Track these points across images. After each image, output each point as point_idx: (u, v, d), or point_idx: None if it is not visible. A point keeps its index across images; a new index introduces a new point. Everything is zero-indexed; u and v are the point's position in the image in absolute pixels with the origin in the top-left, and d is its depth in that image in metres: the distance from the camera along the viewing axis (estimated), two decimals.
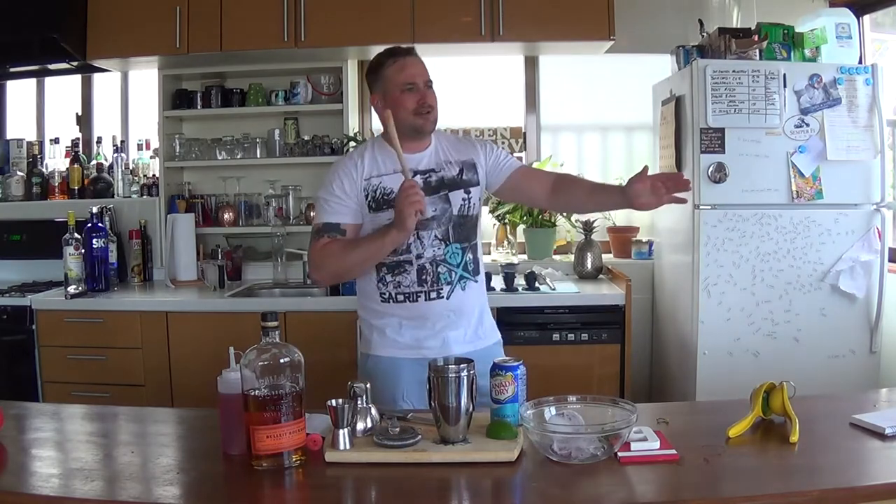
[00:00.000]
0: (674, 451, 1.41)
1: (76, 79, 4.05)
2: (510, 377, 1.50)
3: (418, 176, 2.08)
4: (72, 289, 3.33)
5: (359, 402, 1.49)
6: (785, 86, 3.01)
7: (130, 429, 1.74)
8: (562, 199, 2.25)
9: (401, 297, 2.09)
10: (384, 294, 2.10)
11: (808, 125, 3.02)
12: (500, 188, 2.22)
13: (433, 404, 1.45)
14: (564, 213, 3.66)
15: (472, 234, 2.15)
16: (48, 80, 4.11)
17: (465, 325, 2.11)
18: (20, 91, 4.17)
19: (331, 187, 2.11)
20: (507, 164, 2.22)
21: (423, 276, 2.08)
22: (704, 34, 3.30)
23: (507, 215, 3.69)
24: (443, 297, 2.08)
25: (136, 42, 3.48)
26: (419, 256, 2.08)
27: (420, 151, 2.13)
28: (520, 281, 3.31)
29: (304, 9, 3.38)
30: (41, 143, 4.03)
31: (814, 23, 3.16)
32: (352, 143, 3.58)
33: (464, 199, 2.13)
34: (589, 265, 3.58)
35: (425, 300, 2.08)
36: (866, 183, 3.06)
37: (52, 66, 3.81)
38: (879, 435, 1.49)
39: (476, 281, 2.16)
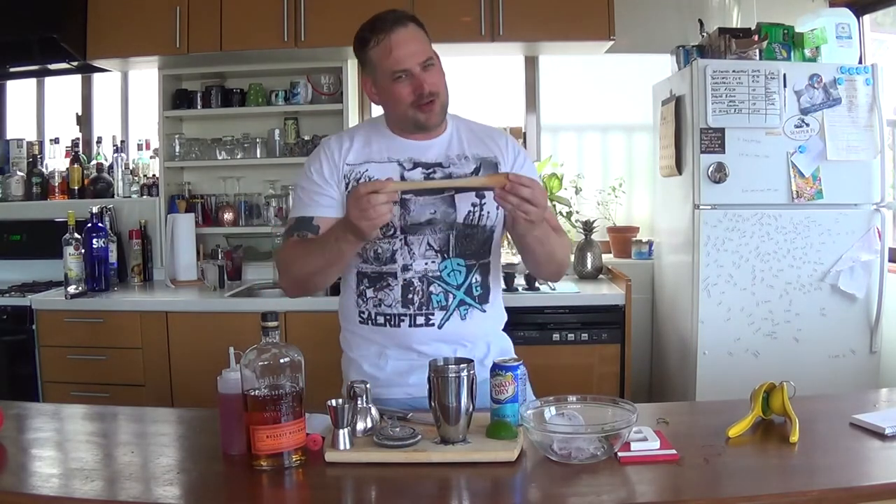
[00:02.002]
0: (674, 451, 1.41)
1: (76, 79, 4.05)
2: (510, 377, 1.50)
3: (419, 169, 1.72)
4: (72, 289, 3.33)
5: (359, 402, 1.49)
6: (785, 86, 3.01)
7: (130, 429, 1.74)
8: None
9: (381, 319, 1.72)
10: (363, 313, 1.75)
11: (808, 125, 3.02)
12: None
13: (433, 404, 1.45)
14: (564, 213, 3.66)
15: (483, 250, 1.74)
16: (48, 80, 4.11)
17: None
18: (20, 91, 4.17)
19: (308, 172, 1.74)
20: None
21: (410, 295, 1.69)
22: (704, 34, 3.31)
23: None
24: (433, 324, 1.70)
25: (136, 42, 3.48)
26: (405, 268, 1.70)
27: (429, 139, 1.74)
28: (520, 281, 3.31)
29: (304, 9, 3.38)
30: (41, 143, 4.03)
31: (814, 23, 3.16)
32: None
33: (474, 206, 1.71)
34: (589, 265, 3.58)
35: (409, 325, 1.70)
36: (866, 183, 3.06)
37: (52, 66, 3.81)
38: (879, 435, 1.49)
39: (483, 311, 1.75)
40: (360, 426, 1.48)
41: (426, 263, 1.70)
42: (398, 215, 1.68)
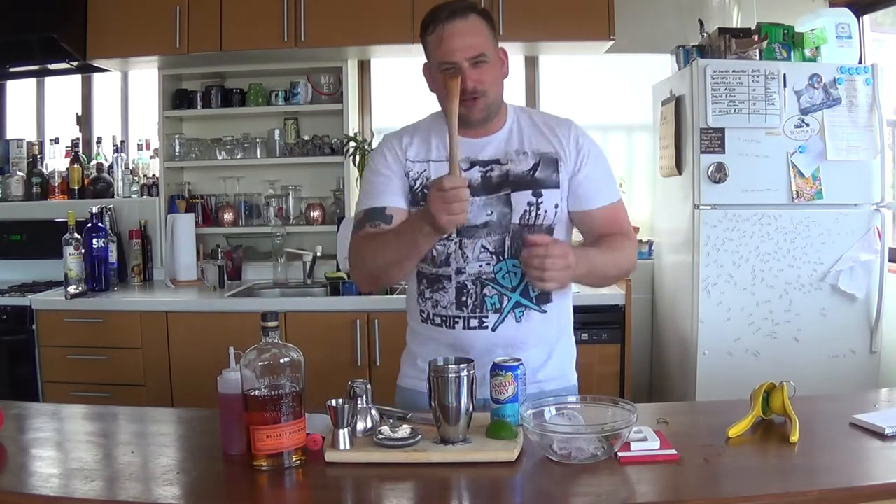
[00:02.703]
0: (674, 451, 1.41)
1: (76, 79, 4.05)
2: (510, 377, 1.50)
3: (476, 168, 1.67)
4: (72, 289, 3.33)
5: (359, 402, 1.48)
6: (785, 86, 3.01)
7: (130, 429, 1.74)
8: None
9: (437, 320, 1.72)
10: (423, 312, 1.74)
11: (808, 125, 3.02)
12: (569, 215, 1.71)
13: (433, 404, 1.45)
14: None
15: None
16: (48, 80, 4.11)
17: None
18: (20, 91, 4.17)
19: (373, 164, 1.72)
20: (594, 191, 1.72)
21: (463, 298, 1.68)
22: (704, 34, 3.31)
23: None
24: (486, 326, 1.68)
25: (136, 42, 3.48)
26: (459, 271, 1.67)
27: (487, 135, 1.70)
28: None
29: (304, 9, 3.38)
30: (41, 143, 4.03)
31: (814, 23, 3.16)
32: (352, 144, 3.58)
33: (530, 205, 1.67)
34: None
35: (464, 328, 1.69)
36: (866, 183, 3.06)
37: (52, 66, 3.81)
38: (879, 435, 1.48)
39: (543, 311, 1.71)
40: (360, 426, 1.48)
41: (480, 266, 1.67)
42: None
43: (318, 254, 3.64)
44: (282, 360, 1.40)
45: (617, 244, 1.73)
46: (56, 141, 4.01)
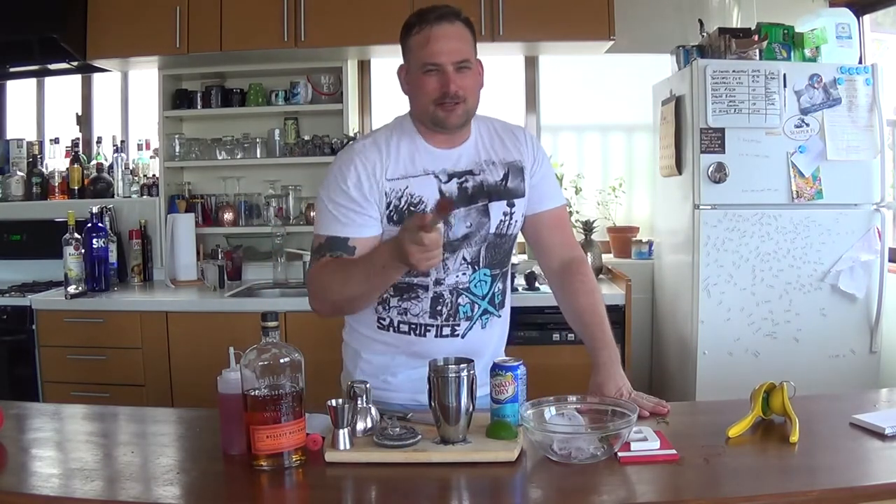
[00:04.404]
0: (674, 451, 1.41)
1: (76, 79, 4.05)
2: (510, 377, 1.50)
3: (454, 181, 1.67)
4: (72, 289, 3.33)
5: (359, 402, 1.48)
6: (785, 86, 3.01)
7: (130, 429, 1.74)
8: (556, 292, 1.84)
9: (405, 328, 1.70)
10: (384, 320, 1.71)
11: (808, 125, 3.02)
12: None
13: (433, 404, 1.45)
14: None
15: (506, 258, 1.76)
16: (48, 80, 4.11)
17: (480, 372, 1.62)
18: (20, 91, 4.17)
19: (344, 186, 1.62)
20: (547, 194, 1.77)
21: (438, 307, 1.68)
22: (704, 34, 3.31)
23: None
24: (457, 334, 1.70)
25: (136, 42, 3.48)
26: (438, 282, 1.68)
27: (457, 146, 1.69)
28: (520, 281, 3.31)
29: (304, 9, 3.38)
30: (41, 143, 4.03)
31: (814, 23, 3.16)
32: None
33: (505, 214, 1.71)
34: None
35: (435, 336, 1.70)
36: (866, 183, 3.06)
37: (52, 66, 3.81)
38: (879, 435, 1.48)
39: (500, 316, 1.77)
40: (360, 426, 1.48)
41: (457, 277, 1.68)
42: (443, 232, 1.58)
43: None
44: (282, 360, 1.40)
45: (587, 287, 1.81)
46: (56, 141, 4.01)
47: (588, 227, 3.60)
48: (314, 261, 1.65)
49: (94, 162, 3.91)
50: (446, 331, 1.70)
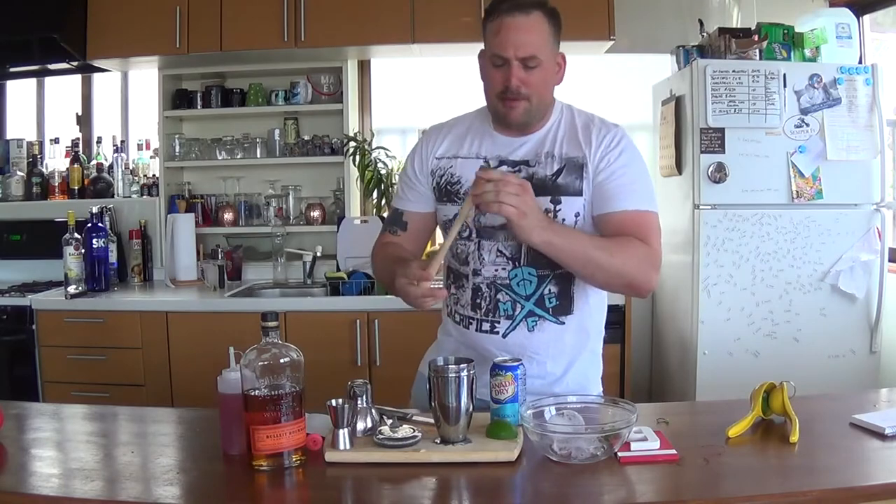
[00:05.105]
0: (674, 451, 1.41)
1: (76, 79, 4.06)
2: (510, 377, 1.50)
3: (505, 167, 1.61)
4: (72, 289, 3.33)
5: (359, 402, 1.48)
6: (785, 86, 3.01)
7: (130, 429, 1.74)
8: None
9: (457, 317, 1.70)
10: (447, 307, 1.74)
11: (808, 125, 3.02)
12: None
13: (433, 404, 1.45)
14: None
15: None
16: (48, 80, 4.12)
17: (534, 378, 1.57)
18: (20, 91, 4.17)
19: (409, 162, 1.72)
20: (615, 196, 1.59)
21: (478, 300, 1.64)
22: (704, 34, 3.31)
23: None
24: (497, 332, 1.64)
25: (136, 42, 3.48)
26: (476, 273, 1.64)
27: (525, 135, 1.64)
28: None
29: (304, 9, 3.38)
30: (41, 143, 4.03)
31: (814, 23, 3.16)
32: (352, 144, 3.58)
33: (547, 211, 1.58)
34: None
35: (476, 330, 1.66)
36: (866, 183, 3.06)
37: (52, 66, 3.81)
38: (879, 435, 1.48)
39: (560, 322, 1.64)
40: (360, 426, 1.48)
41: (496, 270, 1.62)
42: (473, 217, 1.59)
43: (318, 254, 3.64)
44: (282, 360, 1.40)
45: (625, 241, 1.61)
46: (56, 141, 4.01)
47: None
48: (381, 233, 1.77)
49: (94, 162, 3.91)
50: (486, 326, 1.65)
